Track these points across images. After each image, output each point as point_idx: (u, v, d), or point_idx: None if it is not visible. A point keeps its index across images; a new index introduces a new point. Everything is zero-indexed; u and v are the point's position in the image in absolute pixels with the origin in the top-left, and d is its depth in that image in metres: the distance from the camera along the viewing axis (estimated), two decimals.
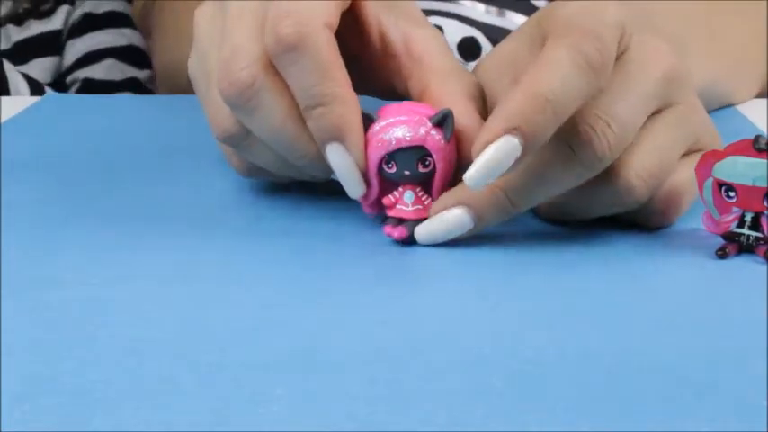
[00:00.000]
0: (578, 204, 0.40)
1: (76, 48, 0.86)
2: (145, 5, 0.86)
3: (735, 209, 0.38)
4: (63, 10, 0.86)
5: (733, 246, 0.39)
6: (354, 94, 0.39)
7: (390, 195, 0.40)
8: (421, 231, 0.40)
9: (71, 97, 0.73)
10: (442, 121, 0.39)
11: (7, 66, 0.79)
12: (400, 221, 0.40)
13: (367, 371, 0.30)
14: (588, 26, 0.37)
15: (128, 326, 0.33)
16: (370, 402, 0.28)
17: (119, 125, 0.61)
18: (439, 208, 0.39)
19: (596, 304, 0.35)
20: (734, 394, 0.29)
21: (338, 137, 0.39)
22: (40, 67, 0.84)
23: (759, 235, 0.38)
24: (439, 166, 0.40)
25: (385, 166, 0.40)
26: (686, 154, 0.41)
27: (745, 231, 0.38)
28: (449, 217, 0.39)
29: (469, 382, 0.29)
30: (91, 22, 0.86)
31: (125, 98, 0.78)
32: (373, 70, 0.44)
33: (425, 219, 0.40)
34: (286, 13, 0.38)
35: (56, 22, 0.86)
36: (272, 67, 0.39)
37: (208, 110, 0.43)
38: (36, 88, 0.81)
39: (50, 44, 0.85)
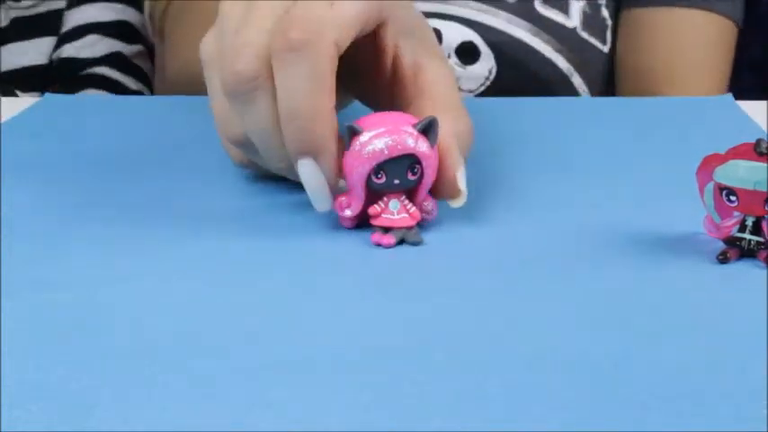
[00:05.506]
0: None
1: (68, 21, 0.84)
2: (159, 5, 0.85)
3: (736, 213, 0.38)
4: None
5: (734, 250, 0.39)
6: (335, 113, 0.40)
7: (376, 205, 0.40)
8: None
9: (71, 97, 0.73)
10: (428, 128, 0.39)
11: None
12: (386, 230, 0.40)
13: (365, 372, 0.30)
14: None
15: (127, 327, 0.33)
16: (368, 404, 0.28)
17: (119, 125, 0.61)
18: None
19: (597, 306, 0.35)
20: (734, 398, 0.29)
21: (312, 153, 0.39)
22: (36, 51, 0.83)
23: (760, 239, 0.38)
24: (426, 173, 0.40)
25: (373, 177, 0.40)
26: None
27: (747, 236, 0.38)
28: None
29: (469, 382, 0.29)
30: None
31: (125, 99, 0.77)
32: (379, 88, 0.45)
33: (412, 227, 0.40)
34: (302, 18, 0.39)
35: (60, 2, 0.85)
36: None
37: (212, 95, 0.43)
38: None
39: (49, 24, 0.83)
